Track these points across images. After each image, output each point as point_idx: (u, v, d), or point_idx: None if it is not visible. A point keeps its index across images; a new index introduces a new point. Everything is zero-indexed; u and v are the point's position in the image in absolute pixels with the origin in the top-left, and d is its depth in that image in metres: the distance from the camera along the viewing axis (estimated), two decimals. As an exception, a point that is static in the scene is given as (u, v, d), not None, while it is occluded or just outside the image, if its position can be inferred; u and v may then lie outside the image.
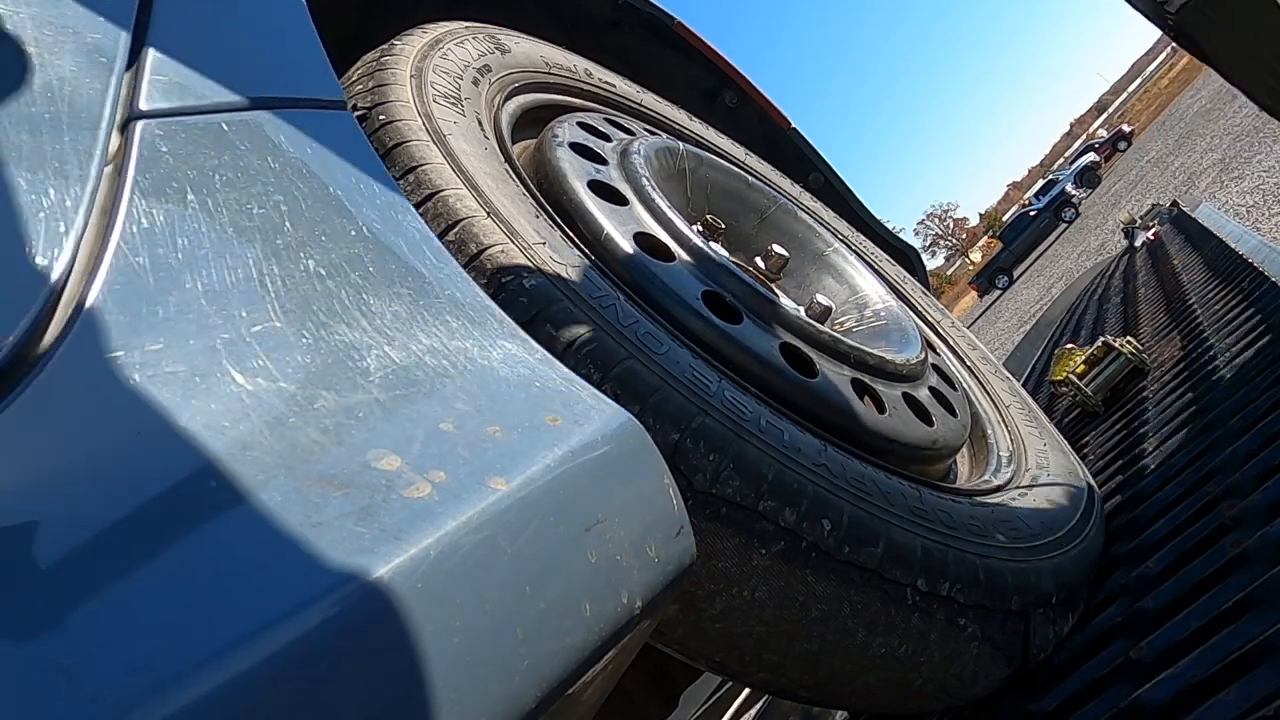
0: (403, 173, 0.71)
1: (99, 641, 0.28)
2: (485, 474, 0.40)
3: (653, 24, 1.40)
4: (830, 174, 1.65)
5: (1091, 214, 13.78)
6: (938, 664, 0.68)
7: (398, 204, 0.54)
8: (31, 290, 0.36)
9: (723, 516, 0.60)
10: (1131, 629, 0.72)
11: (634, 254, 0.78)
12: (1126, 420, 1.32)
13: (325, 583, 0.32)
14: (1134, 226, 4.30)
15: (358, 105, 0.78)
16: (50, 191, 0.39)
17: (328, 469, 0.37)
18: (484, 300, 0.52)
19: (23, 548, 0.30)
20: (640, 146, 0.98)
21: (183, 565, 0.31)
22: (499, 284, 0.63)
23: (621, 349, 0.62)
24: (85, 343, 0.36)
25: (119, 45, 0.48)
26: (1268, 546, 0.68)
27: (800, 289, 1.14)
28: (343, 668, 0.31)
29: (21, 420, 0.33)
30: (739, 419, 0.64)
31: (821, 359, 0.82)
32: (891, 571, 0.64)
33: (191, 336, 0.39)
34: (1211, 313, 1.60)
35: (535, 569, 0.39)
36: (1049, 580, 0.75)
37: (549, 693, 0.39)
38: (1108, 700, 0.67)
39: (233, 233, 0.44)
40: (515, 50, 1.03)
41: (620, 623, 0.43)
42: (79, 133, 0.42)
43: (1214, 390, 1.12)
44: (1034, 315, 6.54)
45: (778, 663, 0.64)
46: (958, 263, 51.53)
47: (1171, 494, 0.92)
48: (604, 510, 0.44)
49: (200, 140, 0.47)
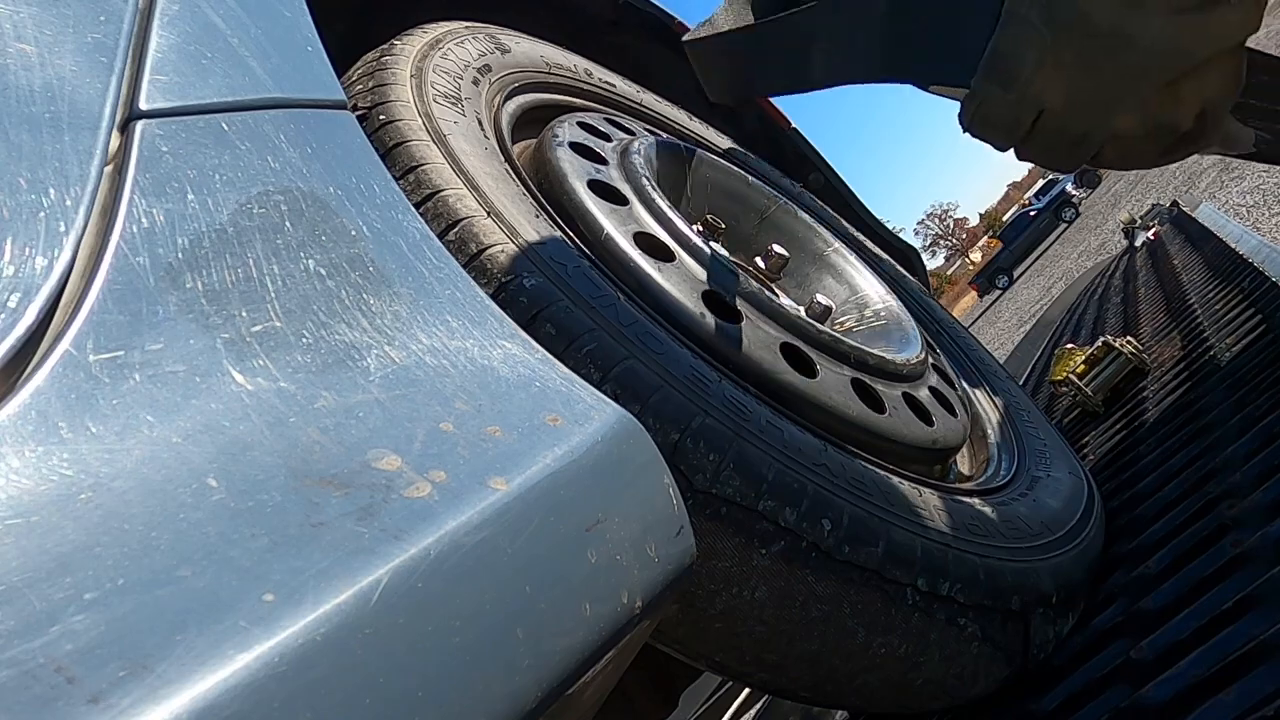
0: (403, 172, 0.71)
1: (99, 641, 0.28)
2: (485, 474, 0.40)
3: (653, 24, 1.40)
4: (830, 174, 1.65)
5: (1091, 214, 13.78)
6: (938, 664, 0.68)
7: (398, 204, 0.54)
8: (31, 290, 0.36)
9: (723, 516, 0.60)
10: (1131, 629, 0.72)
11: (634, 254, 0.78)
12: (1126, 420, 1.32)
13: (325, 582, 0.32)
14: (1134, 226, 4.30)
15: (358, 105, 0.78)
16: (50, 191, 0.39)
17: (328, 469, 0.37)
18: (484, 300, 0.52)
19: (22, 548, 0.30)
20: (640, 146, 0.98)
21: (182, 565, 0.31)
22: (499, 284, 0.63)
23: (621, 349, 0.62)
24: (85, 342, 0.36)
25: (119, 45, 0.48)
26: (1268, 546, 0.68)
27: (800, 289, 1.14)
28: (343, 668, 0.31)
29: (21, 420, 0.33)
30: (739, 419, 0.64)
31: (821, 359, 0.82)
32: (892, 571, 0.64)
33: (191, 336, 0.39)
34: (1211, 313, 1.60)
35: (535, 569, 0.39)
36: (1049, 580, 0.75)
37: (549, 693, 0.39)
38: (1108, 700, 0.67)
39: (233, 233, 0.44)
40: (515, 50, 1.03)
41: (620, 623, 0.43)
42: (79, 133, 0.42)
43: (1214, 390, 1.12)
44: (1034, 315, 6.54)
45: (778, 663, 0.64)
46: (958, 263, 51.57)
47: (1171, 494, 0.92)
48: (604, 510, 0.44)
49: (200, 140, 0.47)
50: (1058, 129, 0.58)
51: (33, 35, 0.44)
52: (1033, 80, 0.56)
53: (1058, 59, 0.54)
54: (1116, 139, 0.57)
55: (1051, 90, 0.56)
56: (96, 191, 0.41)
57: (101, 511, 0.32)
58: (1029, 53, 0.55)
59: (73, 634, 0.28)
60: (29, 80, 0.42)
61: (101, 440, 0.34)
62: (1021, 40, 0.55)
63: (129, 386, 0.36)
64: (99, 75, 0.46)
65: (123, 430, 0.35)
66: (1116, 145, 0.58)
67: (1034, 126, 0.58)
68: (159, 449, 0.35)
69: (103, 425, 0.34)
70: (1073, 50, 0.54)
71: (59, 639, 0.27)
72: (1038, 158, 0.61)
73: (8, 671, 0.26)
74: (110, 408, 0.35)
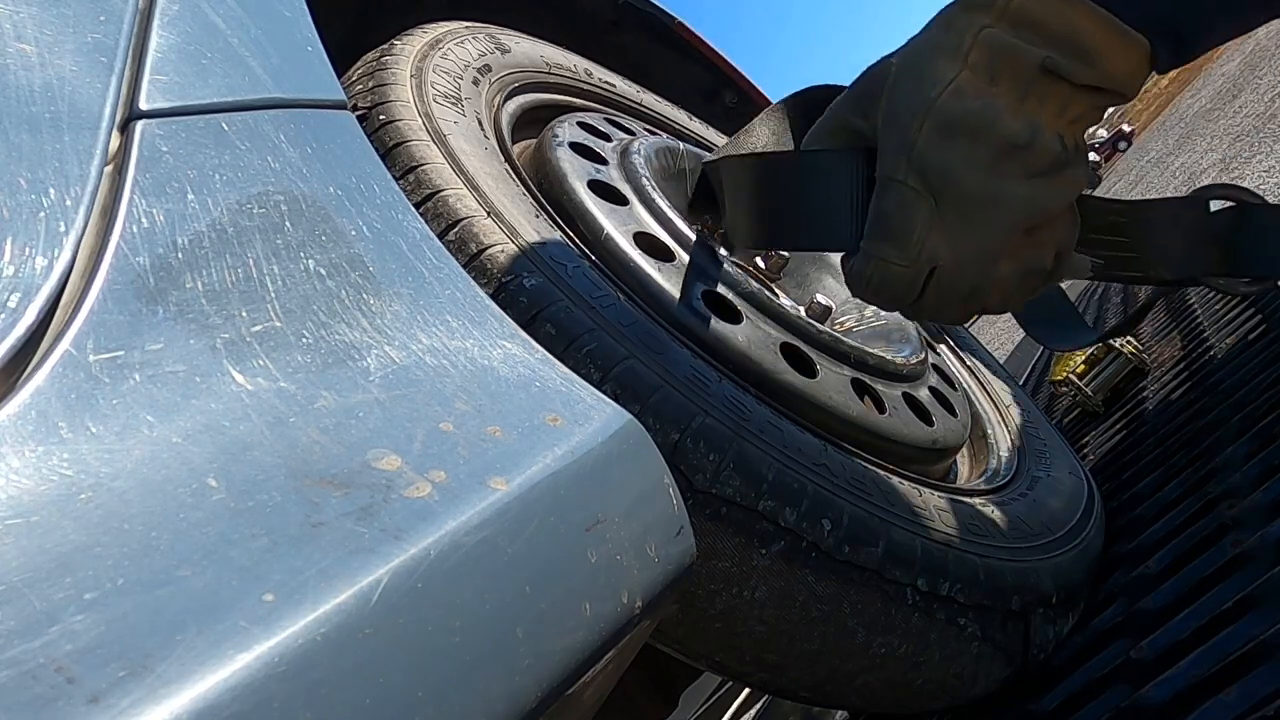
0: (403, 172, 0.71)
1: (99, 641, 0.28)
2: (485, 474, 0.40)
3: (653, 24, 1.40)
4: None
5: (1091, 214, 13.71)
6: (938, 664, 0.68)
7: (398, 204, 0.54)
8: (31, 290, 0.36)
9: (723, 516, 0.60)
10: (1131, 629, 0.72)
11: (634, 254, 0.78)
12: (1126, 420, 1.32)
13: (325, 582, 0.32)
14: (1134, 226, 4.29)
15: (358, 105, 0.78)
16: (50, 191, 0.39)
17: (328, 469, 0.37)
18: (484, 300, 0.52)
19: (22, 548, 0.30)
20: (640, 146, 0.98)
21: (182, 565, 0.31)
22: (499, 284, 0.63)
23: (621, 349, 0.62)
24: (85, 342, 0.36)
25: (119, 45, 0.48)
26: (1268, 546, 0.68)
27: (800, 289, 1.14)
28: (343, 668, 0.31)
29: (21, 420, 0.33)
30: (739, 419, 0.64)
31: (821, 359, 0.82)
32: (892, 571, 0.64)
33: (191, 336, 0.39)
34: (1211, 313, 1.60)
35: (535, 569, 0.39)
36: (1049, 580, 0.75)
37: (549, 693, 0.39)
38: (1108, 700, 0.67)
39: (233, 233, 0.44)
40: (515, 50, 1.03)
41: (620, 623, 0.43)
42: (79, 133, 0.42)
43: (1214, 390, 1.12)
44: (1034, 315, 6.52)
45: (778, 663, 0.64)
46: (958, 263, 51.38)
47: (1171, 494, 0.92)
48: (604, 510, 0.44)
49: (200, 140, 0.47)
50: (950, 284, 0.63)
51: (33, 35, 0.44)
52: (924, 240, 0.61)
53: (943, 220, 0.60)
54: (997, 286, 0.64)
55: (940, 249, 0.61)
56: (96, 191, 0.41)
57: (101, 511, 0.32)
58: (918, 215, 0.61)
59: (73, 634, 0.28)
60: (29, 80, 0.42)
61: (101, 440, 0.34)
62: (908, 204, 0.61)
63: (129, 386, 0.36)
64: (99, 75, 0.46)
65: (123, 430, 0.35)
66: (998, 292, 0.64)
67: (925, 285, 0.64)
68: (159, 449, 0.35)
69: (103, 425, 0.34)
70: (955, 211, 0.60)
71: (59, 639, 0.27)
72: (933, 315, 0.67)
73: (8, 671, 0.26)
74: (110, 408, 0.35)
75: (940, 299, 0.64)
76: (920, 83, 0.60)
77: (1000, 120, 0.58)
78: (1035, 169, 0.59)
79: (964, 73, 0.58)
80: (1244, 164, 4.97)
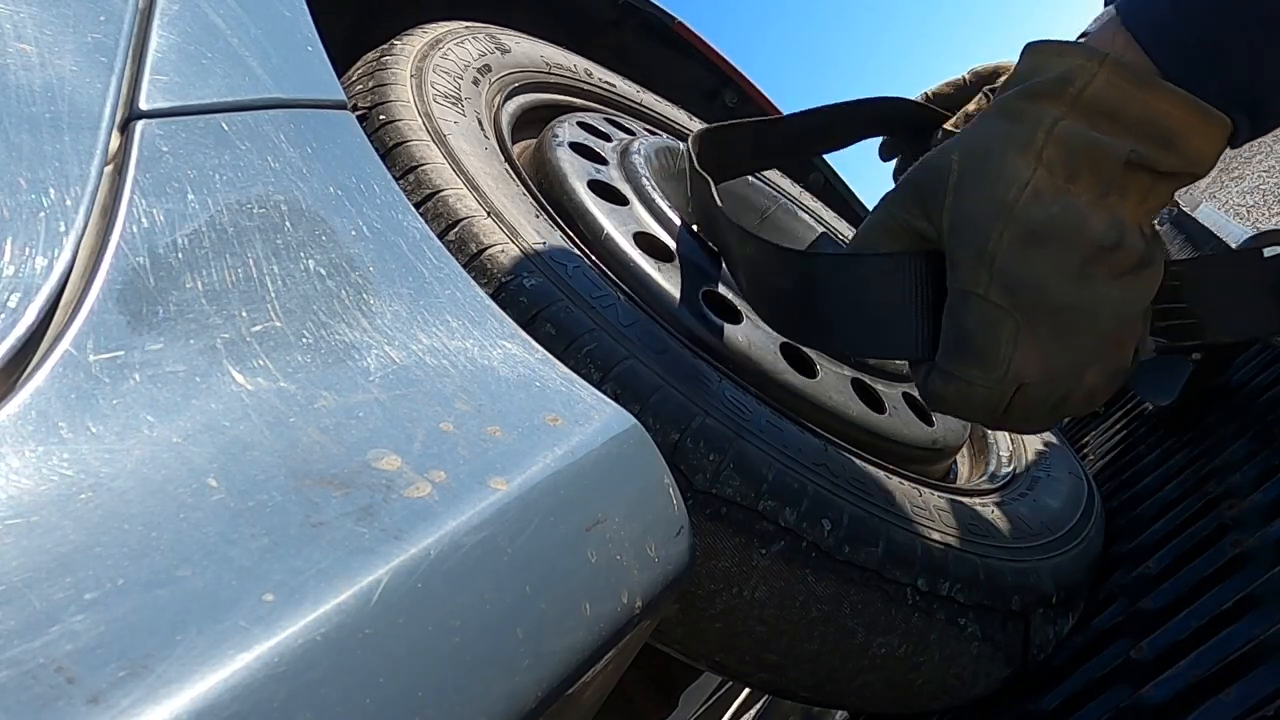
0: (403, 172, 0.71)
1: (99, 641, 0.28)
2: (485, 474, 0.40)
3: (653, 24, 1.40)
4: (830, 174, 1.65)
5: (1091, 214, 13.73)
6: (938, 664, 0.68)
7: (398, 204, 0.54)
8: (31, 290, 0.36)
9: (723, 516, 0.60)
10: (1131, 629, 0.72)
11: (634, 254, 0.78)
12: (1126, 420, 1.32)
13: (325, 582, 0.32)
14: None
15: (358, 105, 0.78)
16: (50, 191, 0.39)
17: (328, 469, 0.37)
18: (484, 300, 0.52)
19: (22, 548, 0.30)
20: (640, 146, 0.98)
21: (182, 565, 0.31)
22: (499, 284, 0.63)
23: (621, 349, 0.62)
24: (85, 342, 0.36)
25: (119, 45, 0.48)
26: (1268, 546, 0.68)
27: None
28: (343, 668, 0.31)
29: (21, 420, 0.33)
30: (739, 419, 0.64)
31: (821, 359, 0.82)
32: (892, 571, 0.64)
33: (191, 336, 0.39)
34: (1211, 313, 1.59)
35: (535, 569, 0.39)
36: (1049, 580, 0.75)
37: (549, 693, 0.39)
38: (1108, 700, 0.67)
39: (233, 232, 0.44)
40: (515, 50, 1.03)
41: (620, 623, 0.43)
42: (79, 133, 0.42)
43: (1214, 390, 1.12)
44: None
45: (778, 663, 0.64)
46: (958, 263, 51.38)
47: (1171, 494, 0.92)
48: (604, 510, 0.44)
49: (200, 140, 0.47)
50: (1039, 399, 0.59)
51: (33, 35, 0.44)
52: (1011, 358, 0.56)
53: (1034, 335, 0.56)
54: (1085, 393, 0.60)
55: (1029, 366, 0.57)
56: (96, 191, 0.41)
57: (101, 511, 0.32)
58: (1004, 332, 0.56)
59: (73, 634, 0.28)
60: (29, 80, 0.42)
61: (101, 440, 0.34)
62: (992, 322, 0.56)
63: (129, 386, 0.36)
64: (99, 75, 0.46)
65: (123, 430, 0.35)
66: (1084, 399, 0.60)
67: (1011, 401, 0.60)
68: (159, 449, 0.35)
69: (103, 425, 0.34)
70: (1046, 327, 0.56)
71: (59, 639, 0.27)
72: (1017, 427, 0.63)
73: (8, 671, 0.26)
74: (110, 408, 0.35)
75: (1028, 413, 0.60)
76: (992, 184, 0.55)
77: (1087, 224, 0.53)
78: (1123, 269, 0.55)
79: (1039, 171, 0.54)
80: (1244, 164, 4.97)
